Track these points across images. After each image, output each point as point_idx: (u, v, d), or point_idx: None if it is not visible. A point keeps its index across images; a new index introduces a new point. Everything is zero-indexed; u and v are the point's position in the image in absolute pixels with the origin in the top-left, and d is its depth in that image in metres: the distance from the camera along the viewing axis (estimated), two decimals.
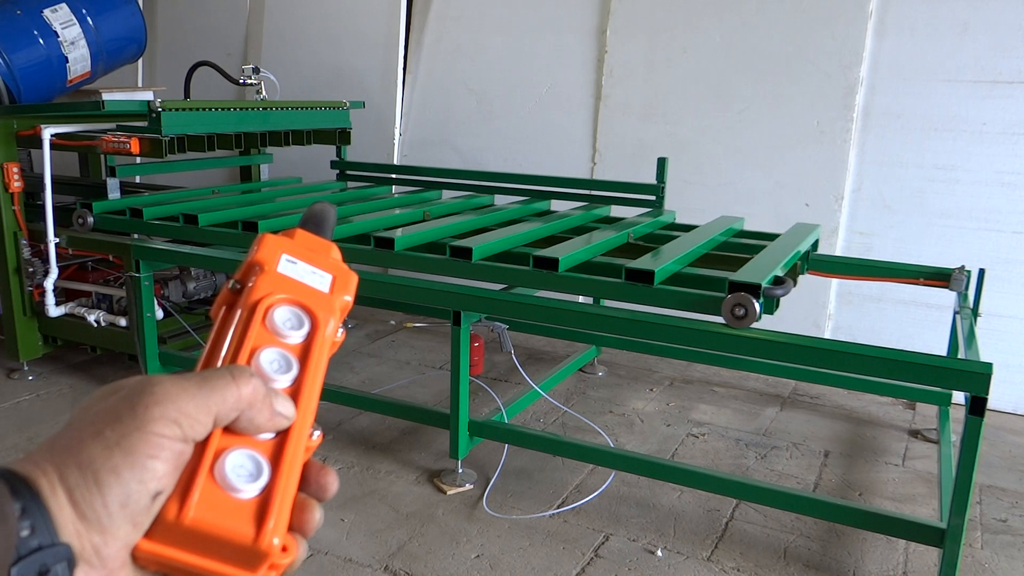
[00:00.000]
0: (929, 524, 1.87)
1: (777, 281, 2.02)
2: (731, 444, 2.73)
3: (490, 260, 2.34)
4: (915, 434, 2.87)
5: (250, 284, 0.50)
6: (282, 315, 0.49)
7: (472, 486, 2.39)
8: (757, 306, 1.89)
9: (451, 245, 2.31)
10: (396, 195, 3.44)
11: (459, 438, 2.35)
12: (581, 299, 3.81)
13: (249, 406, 0.43)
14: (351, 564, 2.01)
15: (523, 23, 3.94)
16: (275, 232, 0.54)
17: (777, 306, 2.01)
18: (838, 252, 3.33)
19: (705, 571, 2.02)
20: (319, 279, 0.53)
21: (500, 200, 3.39)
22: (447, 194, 3.48)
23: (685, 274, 2.20)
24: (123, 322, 2.93)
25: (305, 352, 0.49)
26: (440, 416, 2.43)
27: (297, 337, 0.49)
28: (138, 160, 3.28)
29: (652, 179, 3.69)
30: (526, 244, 2.54)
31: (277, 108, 3.42)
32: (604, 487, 2.39)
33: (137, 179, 4.42)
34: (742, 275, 1.97)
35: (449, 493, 2.35)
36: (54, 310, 3.02)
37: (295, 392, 0.47)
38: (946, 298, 3.02)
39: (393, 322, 4.00)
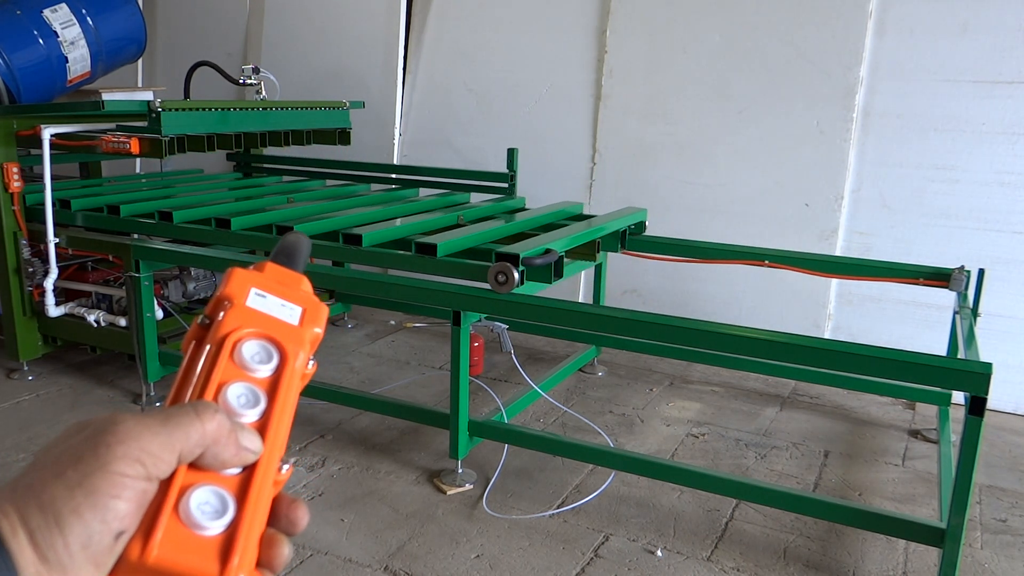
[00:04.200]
0: (929, 524, 1.87)
1: (547, 253, 2.28)
2: (731, 444, 2.73)
3: (318, 239, 2.66)
4: (915, 434, 2.87)
5: (219, 319, 0.50)
6: (250, 349, 0.49)
7: (472, 486, 2.39)
8: (516, 274, 2.15)
9: (277, 225, 2.67)
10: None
11: (459, 438, 2.35)
12: (580, 298, 3.82)
13: (214, 442, 0.43)
14: (351, 564, 2.01)
15: (523, 23, 3.94)
16: (243, 266, 0.54)
17: (557, 275, 2.31)
18: (838, 252, 3.33)
19: (705, 571, 2.02)
20: (288, 312, 0.52)
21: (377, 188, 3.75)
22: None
23: (481, 248, 2.49)
24: (123, 322, 2.93)
25: (274, 386, 0.49)
26: (440, 416, 2.43)
27: (265, 371, 0.49)
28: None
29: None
30: (357, 225, 2.73)
31: (277, 108, 3.42)
32: (604, 487, 2.39)
33: (138, 169, 4.42)
34: (507, 247, 2.25)
35: (449, 493, 2.35)
36: (54, 310, 3.02)
37: (263, 426, 0.47)
38: (946, 298, 3.02)
39: (393, 322, 4.00)
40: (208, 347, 0.49)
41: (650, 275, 3.66)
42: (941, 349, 2.90)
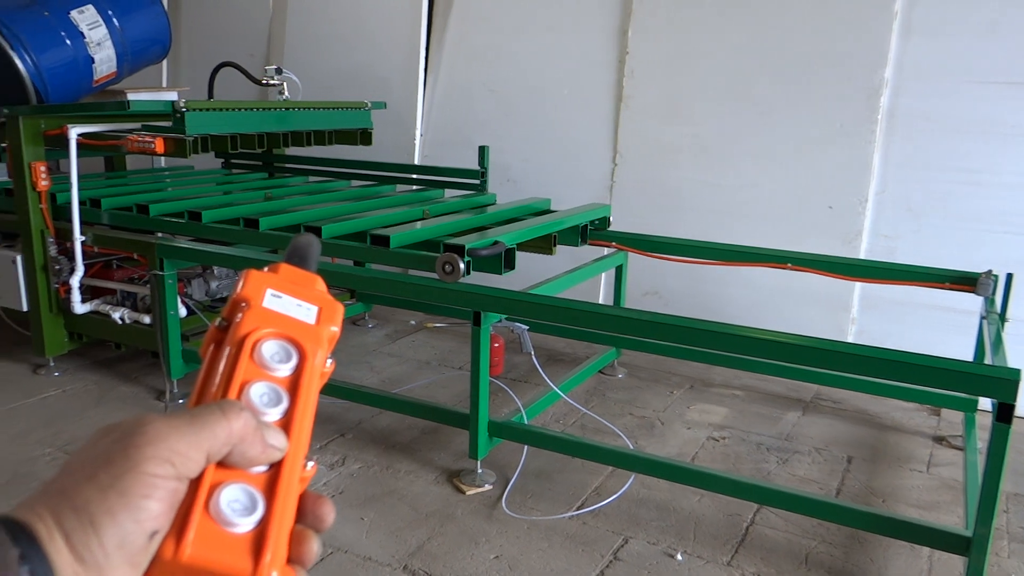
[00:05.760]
0: (954, 532, 1.84)
1: (495, 244, 2.37)
2: (752, 448, 2.71)
3: (279, 230, 2.75)
4: (940, 440, 2.83)
5: (236, 320, 0.50)
6: (270, 349, 0.50)
7: (491, 487, 2.39)
8: (462, 264, 2.25)
9: (244, 218, 2.78)
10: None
11: (479, 438, 2.35)
12: (601, 300, 3.80)
13: (240, 440, 0.43)
14: (370, 563, 2.02)
15: (544, 24, 3.94)
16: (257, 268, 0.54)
17: (508, 266, 2.40)
18: (862, 255, 3.30)
19: None
20: (305, 311, 0.53)
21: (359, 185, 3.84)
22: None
23: (437, 240, 2.50)
24: (147, 319, 2.96)
25: (294, 384, 0.49)
26: (460, 416, 2.43)
27: (285, 370, 0.50)
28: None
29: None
30: (323, 219, 2.80)
31: (299, 108, 3.44)
32: (624, 490, 2.38)
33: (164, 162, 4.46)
34: (455, 239, 2.36)
35: (468, 493, 2.35)
36: (80, 307, 3.06)
37: (286, 424, 0.47)
38: (973, 303, 2.97)
39: (413, 322, 4.01)
40: (228, 348, 0.49)
41: (671, 277, 3.64)
42: (968, 355, 2.86)
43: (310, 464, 0.48)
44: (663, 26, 3.65)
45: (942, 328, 3.19)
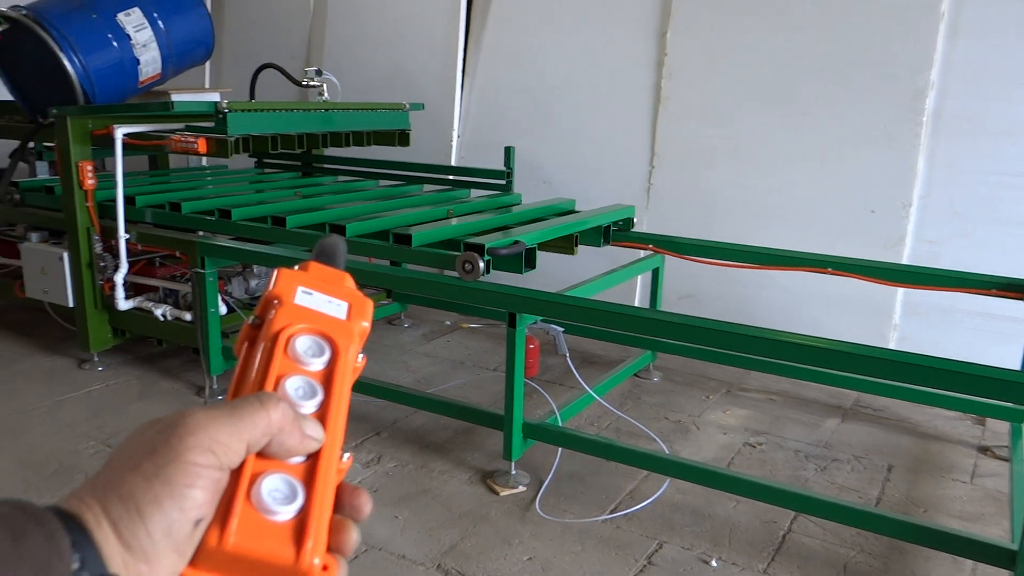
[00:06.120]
0: (1000, 545, 1.80)
1: (515, 244, 2.39)
2: (790, 455, 2.67)
3: (305, 228, 2.83)
4: (985, 450, 2.76)
5: (270, 317, 0.52)
6: (303, 344, 0.51)
7: (525, 488, 2.39)
8: (481, 263, 2.27)
9: (272, 216, 2.87)
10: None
11: (513, 440, 2.35)
12: (637, 302, 3.78)
13: (279, 431, 0.45)
14: (404, 561, 2.03)
15: (582, 25, 3.93)
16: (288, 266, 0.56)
17: (529, 266, 2.43)
18: (905, 260, 3.23)
19: None
20: (336, 307, 0.54)
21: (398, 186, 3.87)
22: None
23: (459, 239, 2.49)
24: (188, 316, 3.01)
25: (328, 378, 0.51)
26: (494, 417, 2.43)
27: (319, 364, 0.51)
28: None
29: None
30: (348, 218, 2.87)
31: (338, 109, 3.48)
32: (658, 494, 2.36)
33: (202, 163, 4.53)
34: (475, 238, 2.39)
35: (502, 494, 2.35)
36: (123, 304, 3.12)
37: (322, 416, 0.48)
38: (1020, 310, 2.90)
39: (448, 322, 4.02)
40: (263, 344, 0.51)
41: (708, 280, 3.60)
42: (1015, 363, 2.79)
43: (346, 456, 0.49)
44: (703, 27, 3.62)
45: (988, 336, 3.11)
